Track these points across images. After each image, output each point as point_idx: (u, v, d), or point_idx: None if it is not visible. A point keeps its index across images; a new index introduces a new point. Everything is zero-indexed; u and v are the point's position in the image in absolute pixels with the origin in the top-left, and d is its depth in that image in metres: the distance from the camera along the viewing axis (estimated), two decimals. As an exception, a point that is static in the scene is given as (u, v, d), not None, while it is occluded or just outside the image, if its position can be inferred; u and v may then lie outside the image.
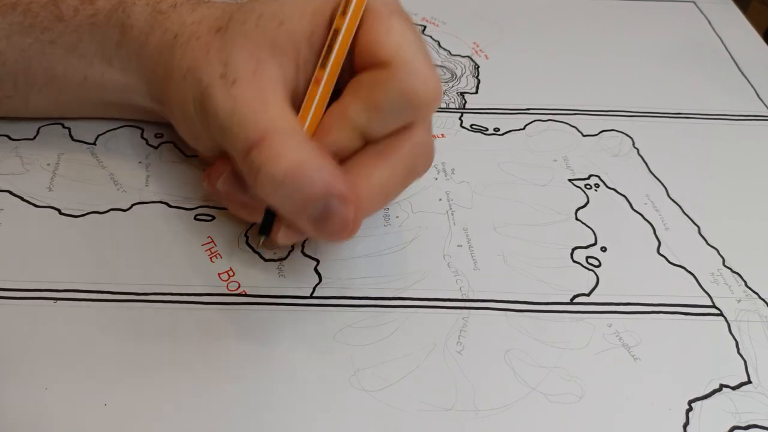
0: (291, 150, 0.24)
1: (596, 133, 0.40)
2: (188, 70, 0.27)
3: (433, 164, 0.36)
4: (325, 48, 0.26)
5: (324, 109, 0.27)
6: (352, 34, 0.26)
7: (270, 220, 0.28)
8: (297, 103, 0.27)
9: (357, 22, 0.26)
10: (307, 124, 0.26)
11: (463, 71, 0.44)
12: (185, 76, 0.28)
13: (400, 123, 0.26)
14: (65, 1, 0.31)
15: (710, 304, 0.31)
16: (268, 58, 0.26)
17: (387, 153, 0.26)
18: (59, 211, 0.33)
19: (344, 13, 0.26)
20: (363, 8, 0.26)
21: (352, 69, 0.27)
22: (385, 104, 0.25)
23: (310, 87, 0.26)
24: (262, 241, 0.28)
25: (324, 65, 0.26)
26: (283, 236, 0.28)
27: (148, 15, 0.30)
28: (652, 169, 0.38)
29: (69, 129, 0.36)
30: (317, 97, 0.26)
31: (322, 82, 0.26)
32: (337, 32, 0.26)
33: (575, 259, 0.33)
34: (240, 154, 0.25)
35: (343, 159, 0.27)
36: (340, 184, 0.24)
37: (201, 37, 0.28)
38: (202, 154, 0.32)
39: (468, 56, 0.45)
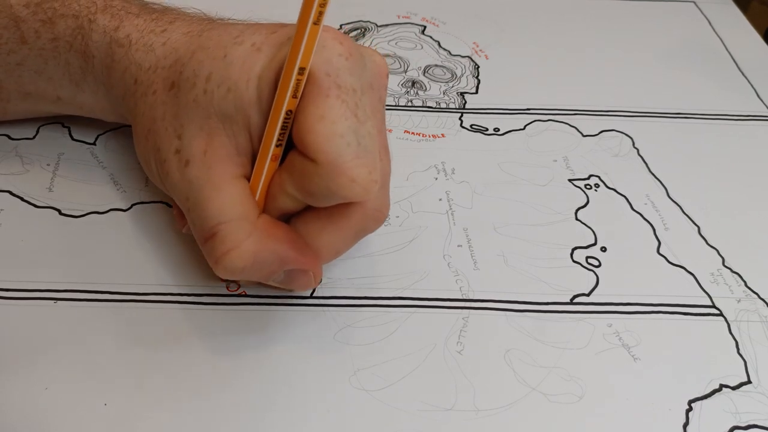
0: (244, 241, 0.25)
1: (596, 133, 0.40)
2: (149, 132, 0.28)
3: (433, 164, 0.37)
4: (279, 127, 0.25)
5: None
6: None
7: None
8: (253, 162, 0.27)
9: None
10: (258, 193, 0.27)
11: (463, 71, 0.44)
12: (147, 136, 0.28)
13: (338, 202, 0.25)
14: (26, 23, 0.30)
15: (710, 304, 0.31)
16: (218, 129, 0.26)
17: (336, 219, 0.26)
18: (59, 211, 0.33)
19: (296, 96, 0.24)
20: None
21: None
22: (315, 193, 0.25)
23: (268, 163, 0.26)
24: (227, 285, 0.30)
25: (280, 144, 0.26)
26: (245, 284, 0.30)
27: (107, 46, 0.30)
28: (652, 169, 0.38)
29: (69, 128, 0.36)
30: (265, 171, 0.26)
31: (269, 158, 0.26)
32: (291, 113, 0.25)
33: (575, 259, 0.33)
34: (198, 240, 0.27)
35: (292, 214, 0.27)
36: (295, 256, 0.26)
37: (157, 92, 0.28)
38: None
39: (468, 56, 0.45)
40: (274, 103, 0.25)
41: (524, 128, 0.40)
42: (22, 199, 0.33)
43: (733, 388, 0.28)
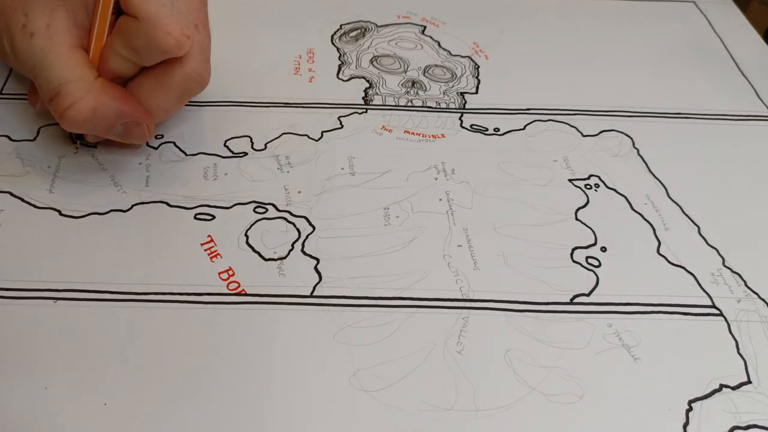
0: (83, 97, 0.30)
1: (596, 133, 0.40)
2: (0, 14, 0.32)
3: (433, 164, 0.37)
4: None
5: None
6: None
7: None
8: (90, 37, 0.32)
9: None
10: (91, 53, 0.32)
11: (463, 71, 0.44)
12: None
13: (161, 59, 0.31)
14: None
15: (710, 304, 0.31)
16: (59, 6, 0.31)
17: (162, 81, 0.32)
18: (60, 212, 0.33)
19: None
20: None
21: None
22: (138, 48, 0.30)
23: (98, 29, 0.31)
24: (78, 144, 0.36)
25: (113, 13, 0.31)
26: (92, 138, 0.35)
27: None
28: (652, 169, 0.38)
29: (69, 129, 0.36)
30: (95, 35, 0.32)
31: (105, 27, 0.31)
32: None
33: (575, 259, 0.33)
34: (45, 101, 0.31)
35: (127, 79, 0.32)
36: (130, 109, 0.32)
37: None
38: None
39: (468, 56, 0.45)
40: None
41: (524, 128, 0.40)
42: (22, 200, 0.33)
43: (733, 388, 0.28)
